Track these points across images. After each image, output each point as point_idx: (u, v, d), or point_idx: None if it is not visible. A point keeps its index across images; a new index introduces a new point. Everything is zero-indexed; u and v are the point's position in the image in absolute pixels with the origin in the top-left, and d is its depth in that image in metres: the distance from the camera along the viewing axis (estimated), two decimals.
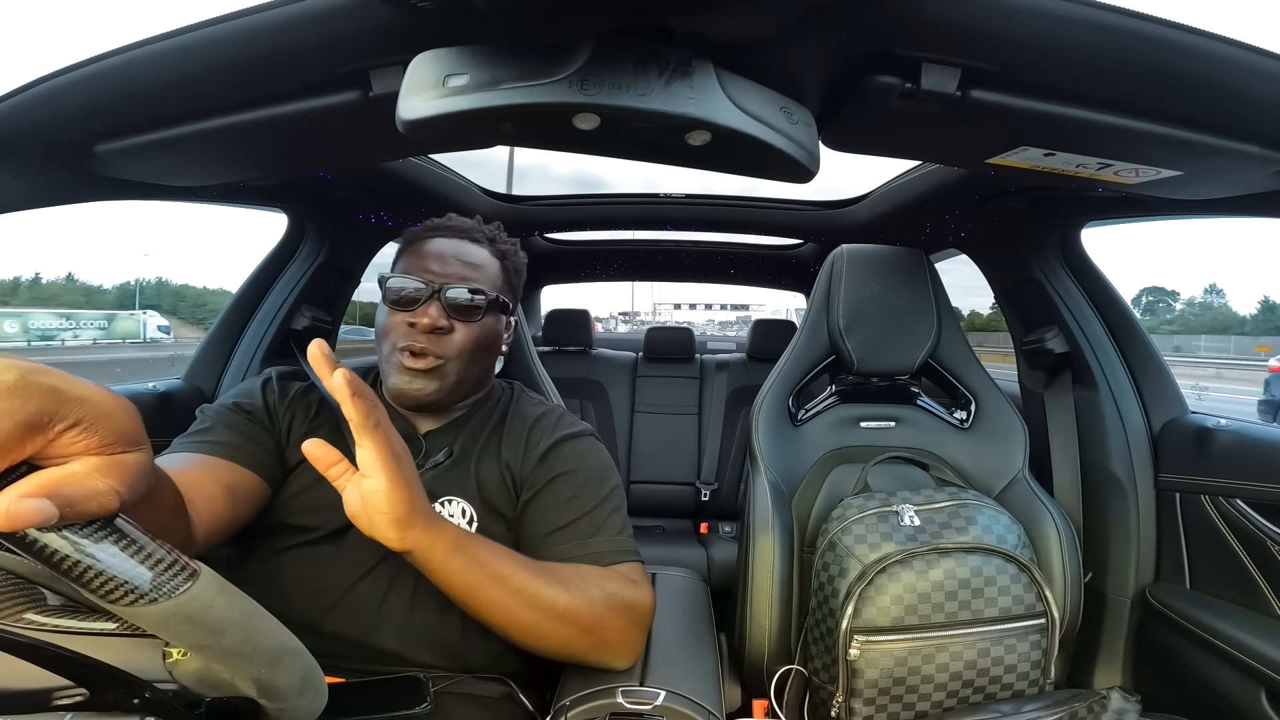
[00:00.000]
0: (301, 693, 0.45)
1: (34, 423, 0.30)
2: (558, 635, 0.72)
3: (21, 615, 0.42)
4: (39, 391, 0.30)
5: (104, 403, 0.32)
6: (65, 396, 0.30)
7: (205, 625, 0.39)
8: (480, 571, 0.67)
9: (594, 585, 0.74)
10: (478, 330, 0.85)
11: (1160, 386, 1.29)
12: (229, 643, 0.40)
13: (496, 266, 0.91)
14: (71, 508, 0.31)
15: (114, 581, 0.35)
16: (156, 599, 0.36)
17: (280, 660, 0.43)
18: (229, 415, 0.84)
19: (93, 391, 0.32)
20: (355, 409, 0.55)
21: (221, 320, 1.47)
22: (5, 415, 0.28)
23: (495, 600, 0.68)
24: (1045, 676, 1.04)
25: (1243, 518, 1.06)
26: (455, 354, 0.84)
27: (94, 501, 0.32)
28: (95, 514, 0.33)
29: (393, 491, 0.58)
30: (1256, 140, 0.68)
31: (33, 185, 0.84)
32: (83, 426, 0.31)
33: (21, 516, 0.29)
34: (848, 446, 1.27)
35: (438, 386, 0.84)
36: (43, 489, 0.30)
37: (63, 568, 0.34)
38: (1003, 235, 1.42)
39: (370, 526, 0.60)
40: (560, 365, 2.50)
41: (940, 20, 0.53)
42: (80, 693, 0.41)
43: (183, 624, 0.38)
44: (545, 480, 0.84)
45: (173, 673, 0.44)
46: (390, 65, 0.62)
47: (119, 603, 0.35)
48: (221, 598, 0.40)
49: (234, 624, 0.40)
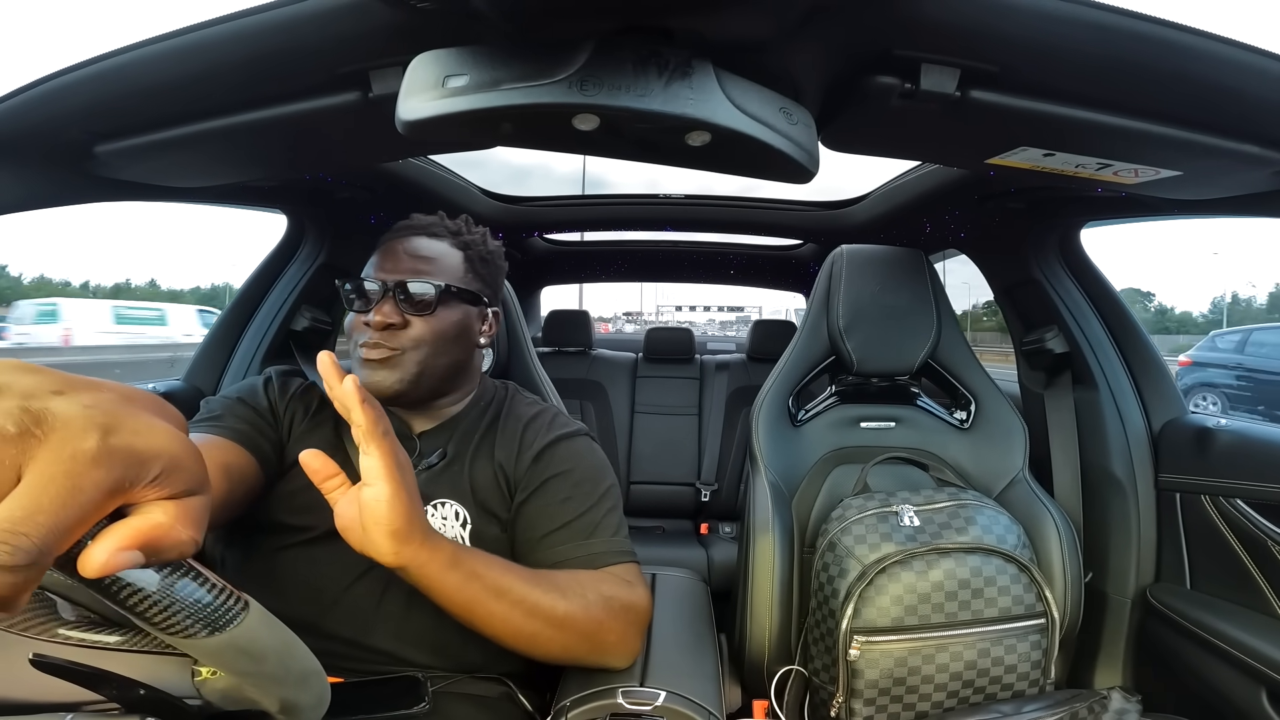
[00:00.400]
0: (315, 707, 0.47)
1: (118, 489, 0.29)
2: (558, 642, 0.72)
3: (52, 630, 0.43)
4: (121, 458, 0.29)
5: (177, 454, 0.32)
6: (144, 457, 0.30)
7: (252, 654, 0.40)
8: (478, 585, 0.66)
9: (590, 590, 0.74)
10: (434, 322, 0.85)
11: (1160, 387, 1.29)
12: (268, 668, 0.42)
13: (458, 257, 0.90)
14: (157, 556, 0.32)
15: (178, 617, 0.36)
16: (215, 632, 0.37)
17: (306, 681, 0.45)
18: (233, 405, 0.85)
19: (166, 442, 0.32)
20: (365, 415, 0.55)
21: (221, 321, 1.47)
22: (92, 488, 0.28)
23: (495, 613, 0.68)
24: (1045, 677, 1.04)
25: (1243, 518, 1.06)
26: (412, 345, 0.83)
27: (176, 550, 0.32)
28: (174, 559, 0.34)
29: (394, 501, 0.57)
30: (1256, 140, 0.68)
31: (32, 186, 0.84)
32: (159, 481, 0.31)
33: (115, 567, 0.30)
34: (848, 447, 1.27)
35: (398, 377, 0.83)
36: (134, 541, 0.30)
37: (129, 603, 0.35)
38: (1002, 235, 1.42)
39: (364, 539, 0.59)
40: (560, 366, 2.50)
41: (939, 21, 0.53)
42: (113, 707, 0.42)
43: (234, 654, 0.39)
44: (540, 481, 0.84)
45: (200, 690, 0.45)
46: (390, 66, 0.62)
47: (178, 635, 0.36)
48: (265, 627, 0.41)
49: (275, 651, 0.42)
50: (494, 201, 1.93)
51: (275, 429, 0.86)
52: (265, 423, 0.85)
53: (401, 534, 0.59)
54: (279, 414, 0.88)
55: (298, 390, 0.91)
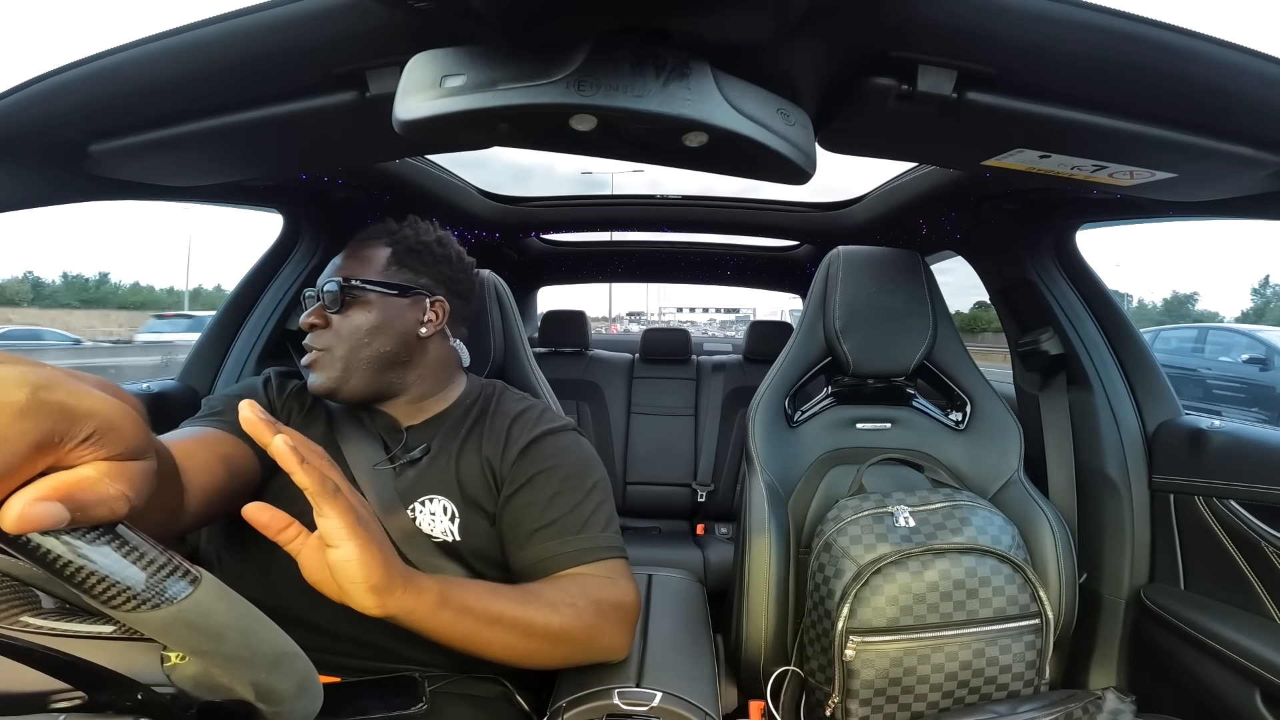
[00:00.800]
0: (298, 696, 0.45)
1: (46, 443, 0.29)
2: (557, 654, 0.73)
3: (17, 618, 0.42)
4: (50, 411, 0.29)
5: (113, 416, 0.32)
6: (76, 413, 0.30)
7: (206, 631, 0.39)
8: (470, 619, 0.65)
9: (579, 597, 0.74)
10: (354, 316, 0.87)
11: (1154, 388, 1.30)
12: (229, 648, 0.40)
13: (384, 254, 0.92)
14: (83, 512, 0.31)
15: (116, 587, 0.35)
16: (159, 605, 0.36)
17: (279, 664, 0.43)
18: (234, 401, 0.86)
19: (102, 404, 0.31)
20: (308, 477, 0.50)
21: (216, 321, 1.46)
22: (18, 438, 0.28)
23: (492, 640, 0.67)
24: (1040, 677, 1.05)
25: (1236, 519, 1.07)
26: (335, 342, 0.86)
27: (104, 506, 0.32)
28: (104, 519, 0.33)
29: (365, 559, 0.54)
30: (1251, 142, 0.68)
31: (27, 185, 0.83)
32: (93, 440, 0.31)
33: (33, 520, 0.29)
34: (844, 448, 1.27)
35: (329, 375, 0.86)
36: (56, 492, 0.30)
37: (65, 573, 0.34)
38: (998, 237, 1.42)
39: (343, 596, 0.56)
40: (556, 367, 2.50)
41: (936, 22, 0.53)
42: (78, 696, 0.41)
43: (184, 629, 0.38)
44: (527, 477, 0.84)
45: (170, 676, 0.43)
46: (387, 66, 0.62)
47: (120, 608, 0.35)
48: (222, 603, 0.40)
49: (234, 629, 0.40)
50: (491, 202, 1.92)
51: None
52: None
53: (382, 587, 0.56)
54: (277, 412, 0.90)
55: (294, 390, 0.93)
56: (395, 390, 0.91)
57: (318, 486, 0.51)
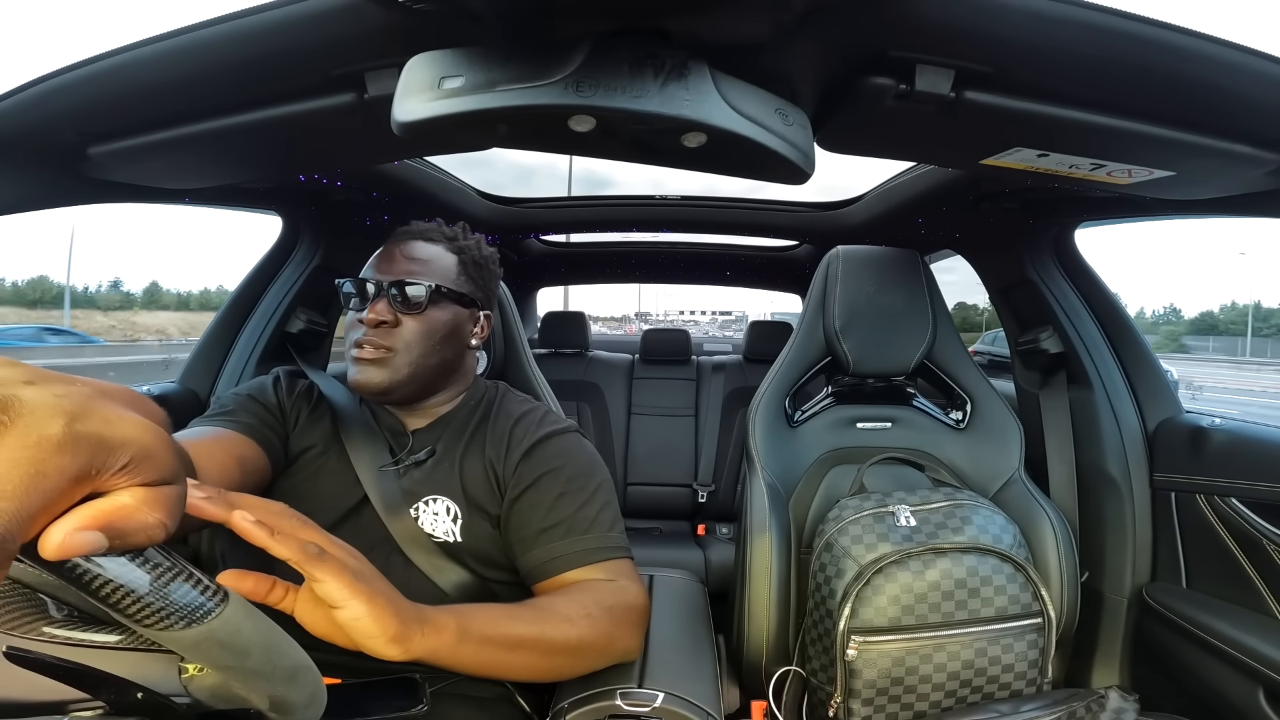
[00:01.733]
0: (309, 705, 0.46)
1: (83, 476, 0.29)
2: (578, 666, 0.74)
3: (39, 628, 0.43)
4: (87, 444, 0.29)
5: (148, 444, 0.32)
6: (112, 444, 0.30)
7: (233, 648, 0.39)
8: (492, 648, 0.65)
9: (592, 605, 0.74)
10: (426, 321, 0.87)
11: (1155, 386, 1.30)
12: (252, 663, 0.41)
13: (452, 260, 0.92)
14: (122, 540, 0.31)
15: (150, 607, 0.35)
16: (191, 624, 0.36)
17: (296, 678, 0.44)
18: (245, 401, 0.88)
19: (137, 433, 0.31)
20: (285, 548, 0.48)
21: (216, 324, 1.46)
22: (56, 473, 0.27)
23: (515, 665, 0.67)
24: (1043, 676, 1.05)
25: (1238, 516, 1.07)
26: (403, 345, 0.85)
27: (143, 534, 0.32)
28: (142, 545, 0.33)
29: (374, 613, 0.53)
30: (1248, 140, 0.68)
31: (26, 188, 0.83)
32: (129, 470, 0.31)
33: (73, 549, 0.29)
34: (844, 447, 1.27)
35: (388, 375, 0.85)
36: (96, 521, 0.30)
37: (99, 594, 0.34)
38: (997, 236, 1.42)
39: (361, 649, 0.54)
40: (557, 368, 2.50)
41: (934, 21, 0.53)
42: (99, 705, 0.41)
43: (213, 647, 0.38)
44: (532, 478, 0.84)
45: (187, 687, 0.44)
46: (385, 67, 0.62)
47: (153, 627, 0.36)
48: (249, 621, 0.40)
49: (258, 645, 0.41)
50: (489, 203, 1.93)
51: (282, 424, 0.89)
52: (274, 418, 0.88)
53: (400, 636, 0.55)
54: (286, 411, 0.91)
55: (302, 389, 0.94)
56: (431, 394, 0.92)
57: (300, 555, 0.49)
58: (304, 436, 0.89)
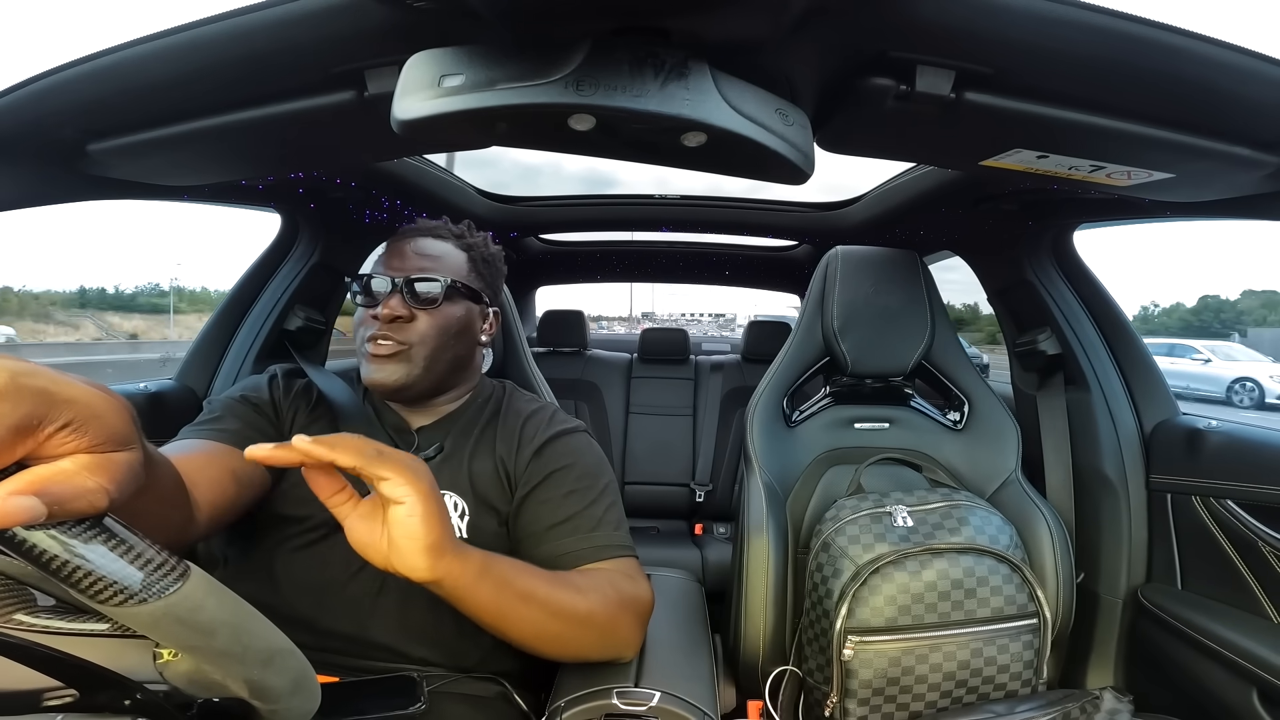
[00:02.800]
0: (294, 693, 0.45)
1: (25, 426, 0.29)
2: (581, 641, 0.73)
3: (11, 616, 0.42)
4: (30, 395, 0.29)
5: (95, 403, 0.32)
6: (56, 399, 0.30)
7: (196, 626, 0.38)
8: (509, 591, 0.65)
9: (605, 585, 0.75)
10: (440, 317, 0.86)
11: (1152, 388, 1.30)
12: (220, 643, 0.40)
13: (462, 257, 0.92)
14: (60, 506, 0.31)
15: (103, 581, 0.34)
16: (146, 599, 0.36)
17: (272, 661, 0.43)
18: (237, 406, 0.86)
19: (83, 392, 0.31)
20: (346, 454, 0.50)
21: (214, 320, 1.46)
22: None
23: (525, 617, 0.67)
24: (1038, 676, 1.05)
25: (1233, 518, 1.07)
26: (418, 340, 0.85)
27: (83, 499, 0.32)
28: (84, 512, 0.33)
29: (426, 513, 0.54)
30: (1247, 143, 0.68)
31: (25, 184, 0.83)
32: (73, 427, 0.31)
33: (9, 514, 0.29)
34: (842, 448, 1.28)
35: (406, 371, 0.84)
36: (31, 486, 0.30)
37: (51, 567, 0.33)
38: (996, 237, 1.42)
39: (391, 557, 0.55)
40: (555, 366, 2.50)
41: (935, 22, 0.53)
42: (70, 693, 0.41)
43: (173, 624, 0.37)
44: (542, 476, 0.85)
45: (163, 674, 0.43)
46: (385, 65, 0.62)
47: (108, 603, 0.35)
48: (212, 598, 0.39)
49: (225, 624, 0.40)
50: (489, 201, 1.92)
51: (277, 425, 0.88)
52: (267, 420, 0.87)
53: (436, 547, 0.55)
54: (281, 410, 0.89)
55: (300, 388, 0.93)
56: (443, 391, 0.92)
57: (361, 459, 0.50)
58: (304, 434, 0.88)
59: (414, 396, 0.89)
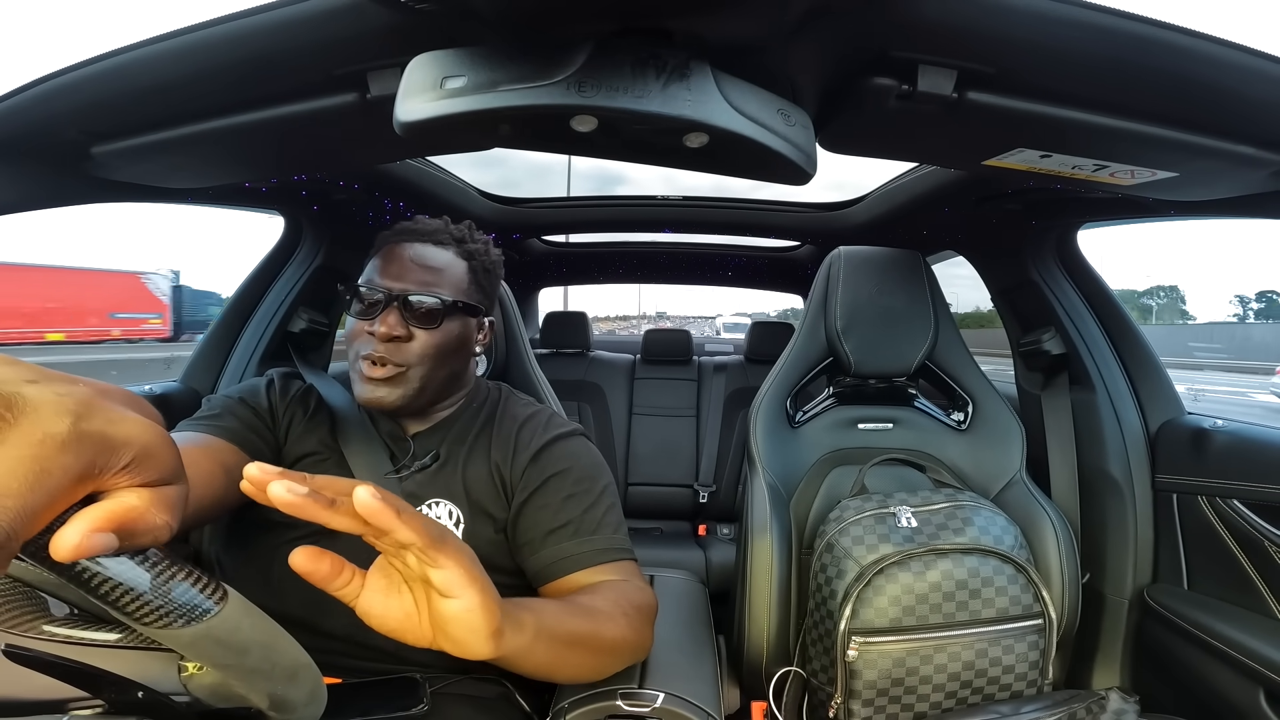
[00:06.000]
0: (308, 704, 0.46)
1: (87, 474, 0.29)
2: (615, 665, 0.73)
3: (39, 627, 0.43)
4: (91, 443, 0.29)
5: (150, 443, 0.32)
6: (115, 443, 0.30)
7: (232, 646, 0.39)
8: (559, 645, 0.62)
9: (625, 604, 0.74)
10: (439, 336, 0.84)
11: (1157, 387, 1.30)
12: (251, 662, 0.41)
13: (463, 268, 0.89)
14: (130, 540, 0.31)
15: (149, 606, 0.35)
16: (190, 622, 0.37)
17: (296, 676, 0.44)
18: (234, 405, 0.86)
19: (139, 432, 0.31)
20: (412, 531, 0.43)
21: (218, 323, 1.46)
22: (61, 472, 0.27)
23: (570, 663, 0.65)
24: (1043, 677, 1.04)
25: (1240, 518, 1.07)
26: (416, 360, 0.83)
27: (150, 535, 0.32)
28: (147, 545, 0.34)
29: (486, 604, 0.48)
30: (1252, 141, 0.68)
31: (29, 187, 0.83)
32: (131, 469, 0.31)
33: (87, 550, 0.29)
34: (846, 448, 1.27)
35: (401, 393, 0.83)
36: (110, 523, 0.30)
37: (99, 591, 0.34)
38: (1000, 237, 1.42)
39: (447, 645, 0.49)
40: (558, 368, 2.50)
41: (937, 22, 0.53)
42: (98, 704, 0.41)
43: (212, 645, 0.38)
44: (540, 481, 0.84)
45: (187, 685, 0.44)
46: (388, 67, 0.62)
47: (152, 625, 0.36)
48: (248, 619, 0.40)
49: (257, 644, 0.41)
50: (491, 203, 1.93)
51: (273, 430, 0.87)
52: (263, 424, 0.86)
53: (499, 630, 0.50)
54: (278, 416, 0.89)
55: (297, 393, 0.92)
56: (437, 403, 0.91)
57: (426, 538, 0.44)
58: (301, 442, 0.87)
59: (408, 414, 0.89)
